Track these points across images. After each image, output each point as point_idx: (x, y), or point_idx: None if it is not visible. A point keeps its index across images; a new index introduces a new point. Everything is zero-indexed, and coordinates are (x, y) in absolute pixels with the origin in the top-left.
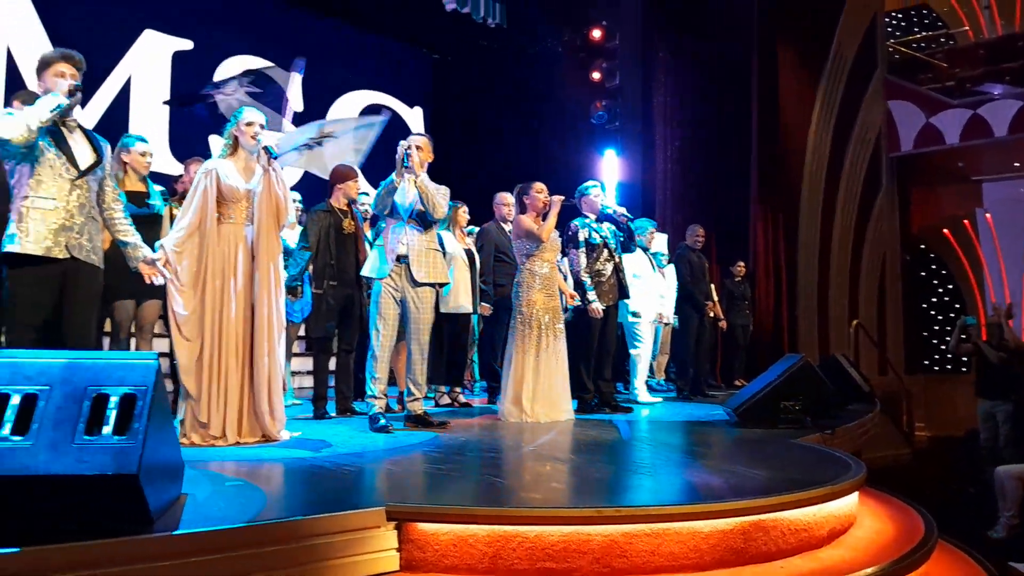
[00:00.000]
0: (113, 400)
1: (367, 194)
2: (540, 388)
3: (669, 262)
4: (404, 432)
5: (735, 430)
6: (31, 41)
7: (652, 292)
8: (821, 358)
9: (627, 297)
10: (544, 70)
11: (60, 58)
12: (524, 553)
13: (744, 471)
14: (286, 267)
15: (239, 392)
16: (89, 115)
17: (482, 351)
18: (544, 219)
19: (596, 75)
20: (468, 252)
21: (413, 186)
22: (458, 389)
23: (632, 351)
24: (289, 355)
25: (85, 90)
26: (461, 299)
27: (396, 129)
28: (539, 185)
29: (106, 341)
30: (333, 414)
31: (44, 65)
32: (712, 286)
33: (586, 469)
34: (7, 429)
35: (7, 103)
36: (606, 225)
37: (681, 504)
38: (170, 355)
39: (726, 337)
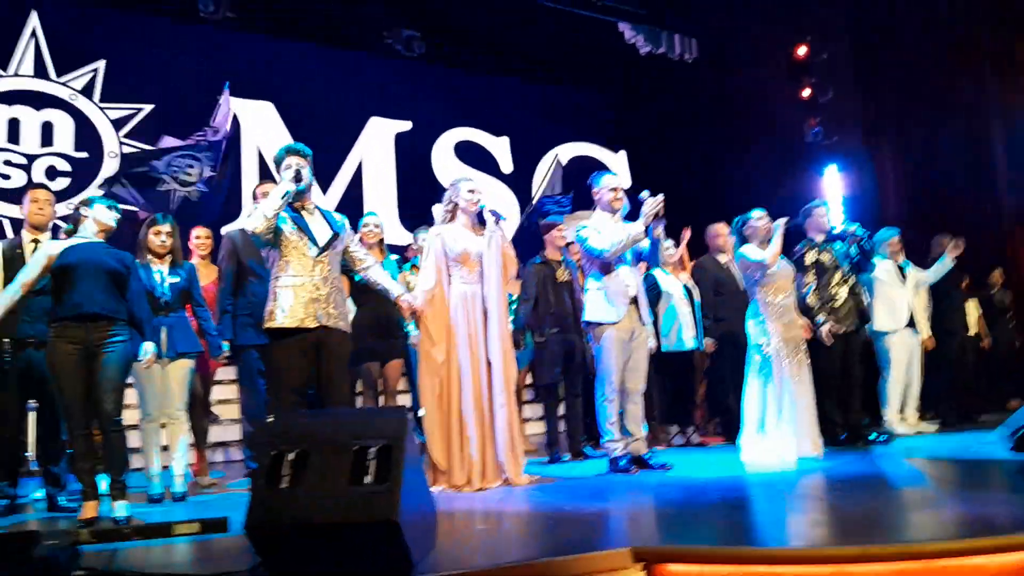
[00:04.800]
0: (372, 452)
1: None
2: (786, 423)
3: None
4: (643, 474)
5: (1016, 455)
6: (278, 142)
7: (902, 307)
8: None
9: (867, 321)
10: (747, 96)
11: (287, 152)
12: None
13: None
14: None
15: (480, 440)
16: (331, 198)
17: (711, 388)
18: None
19: (806, 92)
20: (686, 288)
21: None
22: (690, 428)
23: (884, 374)
24: (519, 403)
25: (326, 177)
26: (684, 336)
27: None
28: (758, 212)
29: (358, 400)
30: (567, 458)
31: (277, 161)
32: (972, 301)
33: (843, 505)
34: (286, 482)
35: (254, 198)
36: (836, 246)
37: (960, 539)
38: (413, 410)
39: (990, 354)
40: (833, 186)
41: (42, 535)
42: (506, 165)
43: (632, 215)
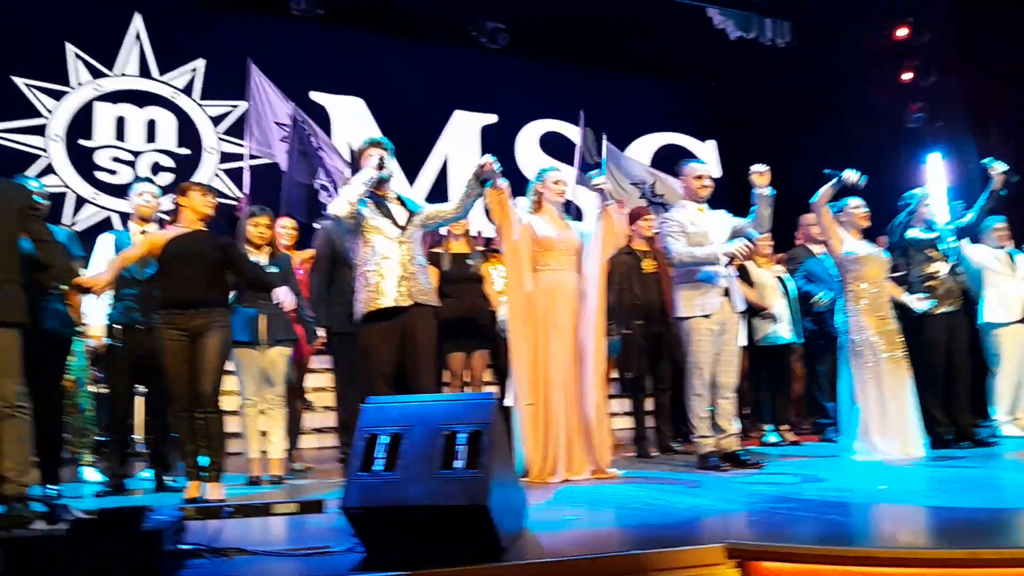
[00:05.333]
0: (462, 437)
1: None
2: (888, 421)
3: None
4: (734, 471)
5: None
6: (368, 136)
7: (1014, 298)
8: None
9: (972, 304)
10: (843, 81)
11: (370, 144)
12: None
13: None
14: None
15: (568, 431)
16: (417, 192)
17: (807, 384)
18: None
19: (907, 75)
20: (781, 279)
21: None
22: (785, 426)
23: (993, 370)
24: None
25: (412, 171)
26: (778, 329)
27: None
28: (855, 200)
29: (444, 391)
30: (655, 453)
31: (360, 153)
32: None
33: (950, 509)
34: (380, 465)
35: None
36: (935, 227)
37: None
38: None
39: None
40: (936, 174)
41: (150, 510)
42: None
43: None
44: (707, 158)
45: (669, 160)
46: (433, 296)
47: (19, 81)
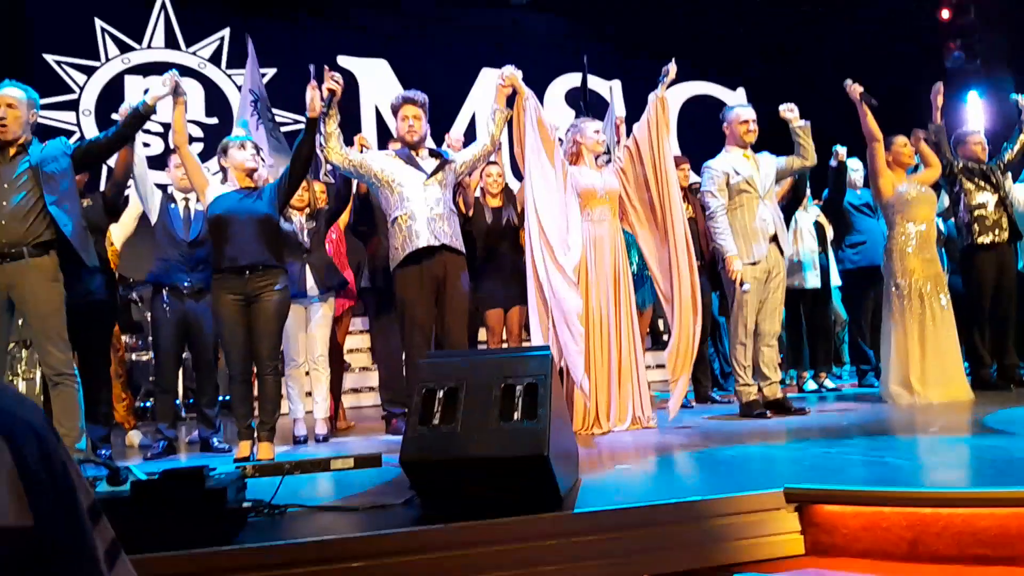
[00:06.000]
0: (519, 389)
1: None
2: (930, 366)
3: None
4: (778, 418)
5: None
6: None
7: None
8: None
9: (1020, 237)
10: (879, 20)
11: (403, 101)
12: (950, 539)
13: None
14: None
15: (607, 380)
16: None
17: (848, 330)
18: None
19: (945, 13)
20: (817, 224)
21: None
22: (823, 373)
23: None
24: None
25: (440, 131)
26: (807, 275)
27: (717, 109)
28: (902, 139)
29: (482, 347)
30: (692, 403)
31: (394, 110)
32: None
33: (1007, 449)
34: (437, 419)
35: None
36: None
37: None
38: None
39: None
40: (976, 114)
41: (211, 469)
42: (619, 108)
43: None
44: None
45: (700, 111)
46: (459, 241)
47: (50, 58)
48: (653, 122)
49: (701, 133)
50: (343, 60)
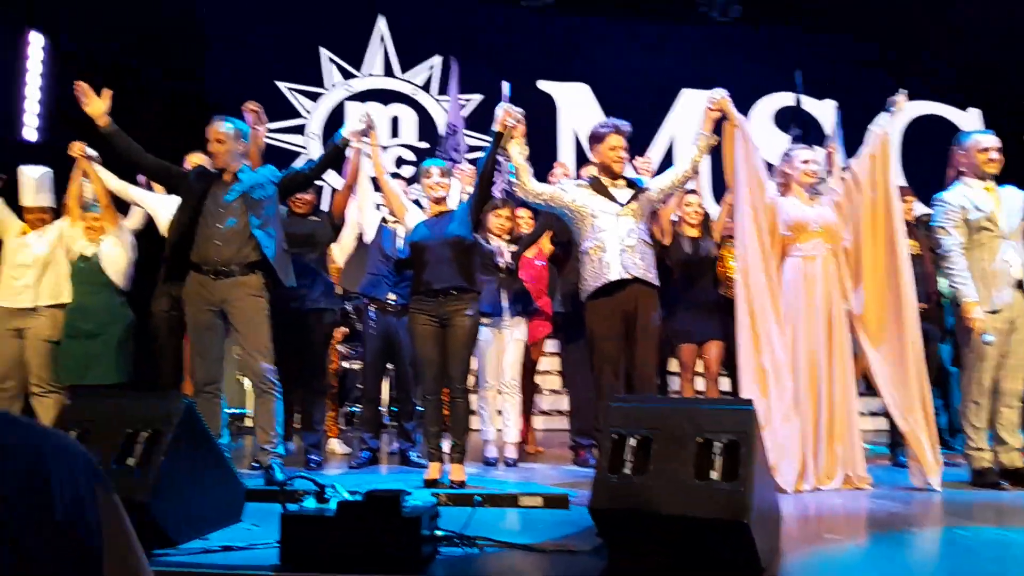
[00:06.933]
0: (718, 446)
1: None
2: None
3: None
4: (1017, 491)
5: None
6: (592, 121)
7: None
8: None
9: None
10: None
11: (613, 130)
12: None
13: None
14: None
15: (814, 432)
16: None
17: None
18: None
19: None
20: None
21: None
22: None
23: None
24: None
25: (637, 152)
26: None
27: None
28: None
29: (674, 381)
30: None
31: (599, 138)
32: None
33: None
34: (627, 468)
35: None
36: None
37: None
38: (733, 394)
39: None
40: None
41: (407, 494)
42: (830, 129)
43: None
44: (973, 127)
45: (929, 134)
46: (652, 273)
47: (282, 85)
48: (878, 159)
49: (927, 157)
50: (542, 84)
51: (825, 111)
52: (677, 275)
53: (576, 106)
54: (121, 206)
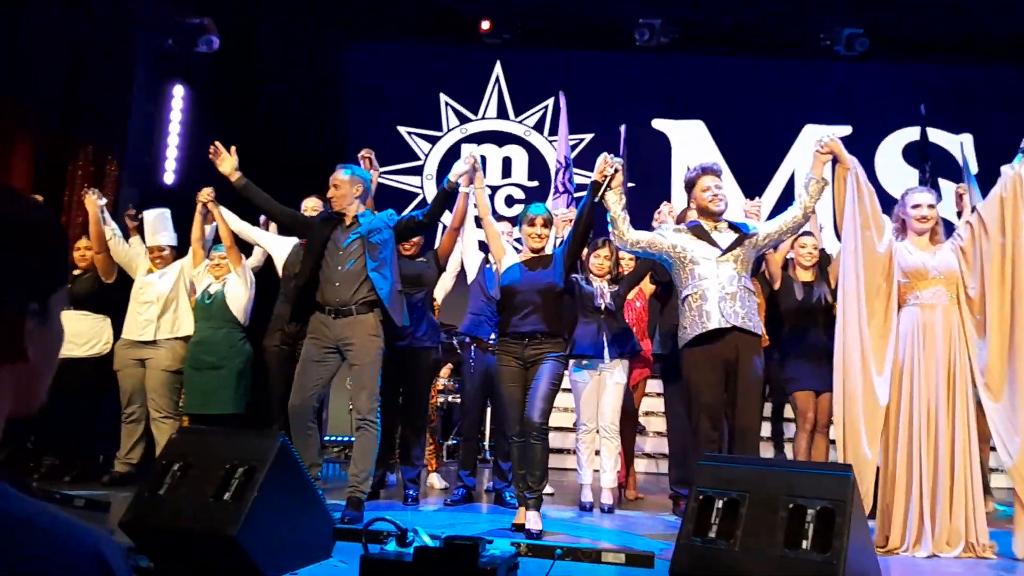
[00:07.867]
0: (810, 513)
1: None
2: None
3: None
4: None
5: None
6: (707, 160)
7: None
8: None
9: None
10: None
11: (702, 172)
12: None
13: None
14: None
15: (932, 493)
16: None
17: None
18: None
19: None
20: None
21: None
22: None
23: None
24: None
25: (755, 191)
26: None
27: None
28: None
29: (789, 428)
30: None
31: (690, 184)
32: None
33: None
34: (713, 532)
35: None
36: None
37: None
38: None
39: None
40: None
41: (488, 542)
42: (972, 167)
43: None
44: None
45: None
46: (753, 321)
47: (403, 130)
48: (1008, 201)
49: None
50: (657, 123)
51: (960, 147)
52: (789, 321)
53: (691, 144)
54: (243, 246)
